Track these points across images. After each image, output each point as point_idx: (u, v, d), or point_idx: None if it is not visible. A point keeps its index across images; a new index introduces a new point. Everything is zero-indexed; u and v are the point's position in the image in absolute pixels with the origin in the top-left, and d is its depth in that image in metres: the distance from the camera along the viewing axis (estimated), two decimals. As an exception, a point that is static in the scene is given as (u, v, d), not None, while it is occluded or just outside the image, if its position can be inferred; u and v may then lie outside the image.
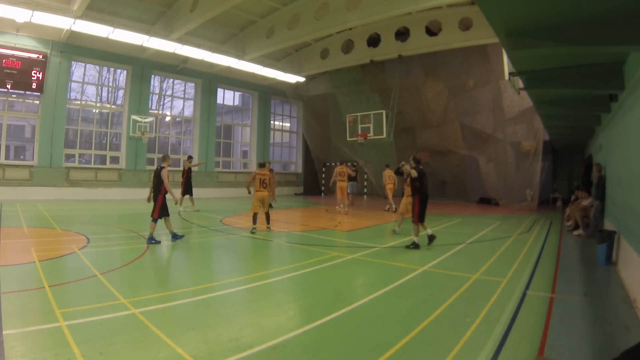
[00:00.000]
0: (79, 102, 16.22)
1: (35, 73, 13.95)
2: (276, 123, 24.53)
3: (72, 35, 13.94)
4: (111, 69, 16.88)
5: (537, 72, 5.72)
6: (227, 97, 21.44)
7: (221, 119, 21.39)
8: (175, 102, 20.57)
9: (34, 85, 14.00)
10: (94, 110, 17.01)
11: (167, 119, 20.50)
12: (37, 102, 14.66)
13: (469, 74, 17.55)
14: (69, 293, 4.07)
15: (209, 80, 19.50)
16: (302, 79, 20.97)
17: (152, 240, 6.78)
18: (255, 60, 17.99)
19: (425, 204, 7.09)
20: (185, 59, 17.37)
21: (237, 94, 22.28)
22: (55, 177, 14.80)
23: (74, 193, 15.08)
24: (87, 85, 16.52)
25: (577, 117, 9.21)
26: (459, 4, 13.87)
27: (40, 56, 14.11)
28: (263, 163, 9.17)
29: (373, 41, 17.79)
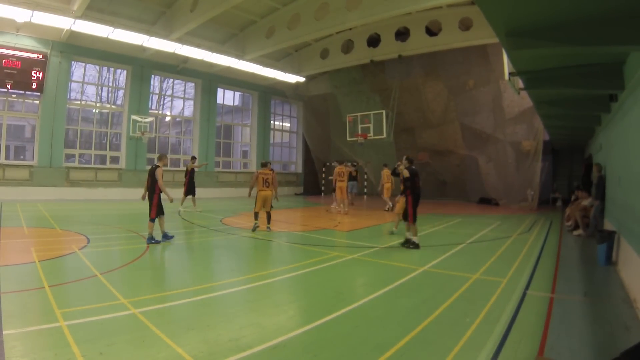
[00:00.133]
0: (79, 102, 16.22)
1: (35, 73, 13.95)
2: (276, 123, 24.52)
3: (72, 35, 13.94)
4: (111, 69, 16.88)
5: (537, 72, 5.73)
6: (227, 97, 21.44)
7: (221, 119, 21.39)
8: (175, 102, 20.60)
9: (34, 85, 14.00)
10: (94, 110, 17.01)
11: (167, 119, 20.51)
12: (37, 102, 14.66)
13: (469, 74, 17.56)
14: (69, 293, 4.07)
15: (209, 80, 19.51)
16: (302, 79, 20.97)
17: (152, 240, 6.79)
18: (255, 60, 17.99)
19: (417, 204, 7.13)
20: (185, 59, 17.37)
21: (237, 94, 22.28)
22: (55, 177, 14.80)
23: (74, 193, 15.09)
24: (87, 85, 16.52)
25: (577, 117, 9.21)
26: (459, 4, 13.86)
27: (40, 56, 14.11)
28: (265, 162, 9.19)
29: (373, 41, 17.79)
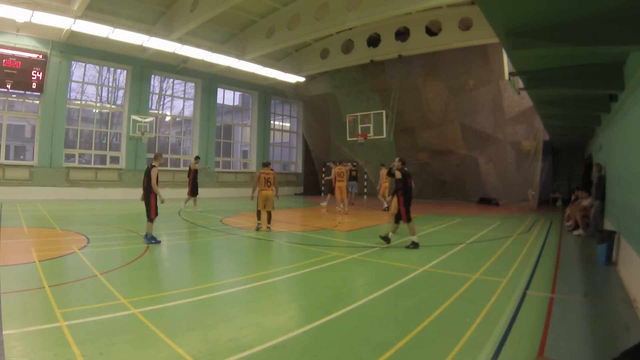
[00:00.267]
0: (79, 102, 16.22)
1: (35, 73, 13.95)
2: (276, 123, 24.52)
3: (72, 35, 13.94)
4: (111, 69, 16.88)
5: (537, 72, 5.73)
6: (227, 97, 21.44)
7: (221, 119, 21.39)
8: (175, 102, 20.60)
9: (34, 85, 13.99)
10: (94, 110, 17.01)
11: (167, 119, 20.51)
12: (37, 102, 14.66)
13: (469, 74, 17.55)
14: (69, 293, 4.07)
15: (209, 80, 19.50)
16: (302, 79, 20.96)
17: (152, 240, 6.79)
18: (255, 60, 17.99)
19: (408, 204, 7.20)
20: (185, 59, 17.36)
21: (237, 94, 22.28)
22: (55, 177, 14.79)
23: (74, 193, 15.08)
24: (87, 85, 16.52)
25: (577, 117, 9.22)
26: (459, 4, 13.86)
27: (40, 56, 14.10)
28: (267, 162, 9.26)
29: (373, 41, 17.78)
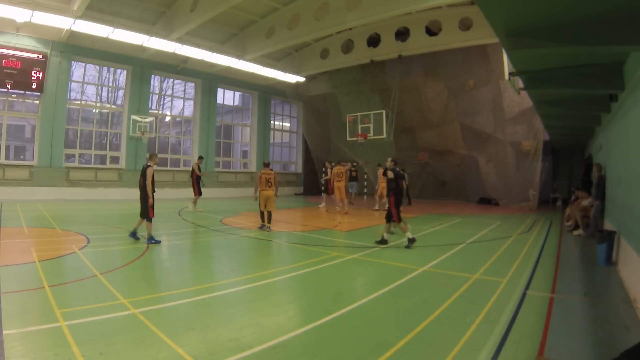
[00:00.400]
0: (79, 102, 16.21)
1: (35, 73, 13.95)
2: (276, 123, 24.52)
3: (72, 35, 13.94)
4: (111, 69, 16.88)
5: (537, 72, 5.73)
6: (227, 97, 21.44)
7: (221, 119, 21.39)
8: (175, 102, 20.60)
9: (34, 85, 13.99)
10: (94, 110, 17.01)
11: (167, 119, 20.51)
12: (37, 102, 14.66)
13: (469, 74, 17.56)
14: (69, 293, 4.07)
15: (209, 80, 19.50)
16: (302, 79, 20.97)
17: (152, 240, 6.79)
18: (255, 60, 17.99)
19: (399, 204, 7.29)
20: (185, 59, 17.36)
21: (237, 94, 22.28)
22: (55, 177, 14.79)
23: (74, 193, 15.08)
24: (87, 85, 16.52)
25: (577, 117, 9.21)
26: (459, 4, 13.86)
27: (40, 56, 14.10)
28: (267, 163, 9.37)
29: (373, 41, 17.78)
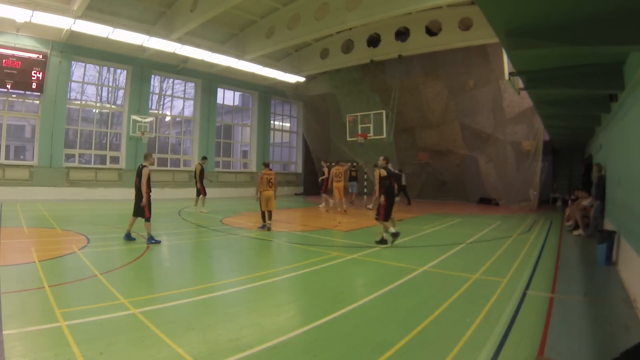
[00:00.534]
0: (79, 102, 16.21)
1: (35, 73, 13.94)
2: (276, 123, 24.52)
3: (72, 35, 13.94)
4: (111, 69, 16.88)
5: (537, 72, 5.73)
6: (227, 97, 21.43)
7: (221, 119, 21.38)
8: (175, 102, 20.58)
9: (34, 85, 13.99)
10: (94, 110, 17.00)
11: (167, 119, 20.50)
12: (37, 102, 14.66)
13: (469, 74, 17.55)
14: (69, 293, 4.07)
15: (209, 80, 19.50)
16: (302, 79, 20.96)
17: (152, 240, 6.79)
18: (255, 60, 17.98)
19: (391, 203, 7.34)
20: (185, 59, 17.36)
21: (237, 94, 22.27)
22: (55, 177, 14.79)
23: (74, 193, 15.07)
24: (87, 85, 16.51)
25: (577, 117, 9.21)
26: (459, 4, 13.86)
27: (40, 56, 14.10)
28: (267, 163, 9.40)
29: (373, 41, 17.78)
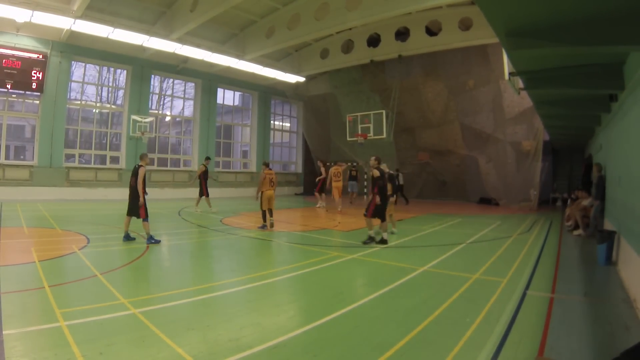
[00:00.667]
0: (79, 102, 16.21)
1: (35, 73, 13.94)
2: (276, 123, 24.52)
3: (72, 35, 13.94)
4: (111, 69, 16.88)
5: (537, 72, 5.73)
6: (227, 97, 21.44)
7: (221, 119, 21.38)
8: (175, 102, 20.59)
9: (34, 85, 13.99)
10: (94, 110, 17.00)
11: (167, 119, 20.50)
12: (37, 102, 14.66)
13: (469, 74, 17.55)
14: (69, 293, 4.07)
15: (209, 80, 19.50)
16: (302, 79, 20.97)
17: (152, 239, 6.78)
18: (255, 60, 17.99)
19: (384, 202, 7.36)
20: (185, 59, 17.36)
21: (237, 94, 22.27)
22: (55, 177, 14.79)
23: (74, 193, 15.08)
24: (87, 85, 16.51)
25: (577, 117, 9.21)
26: (459, 4, 13.86)
27: (40, 56, 14.10)
28: (268, 163, 9.43)
29: (373, 41, 17.78)
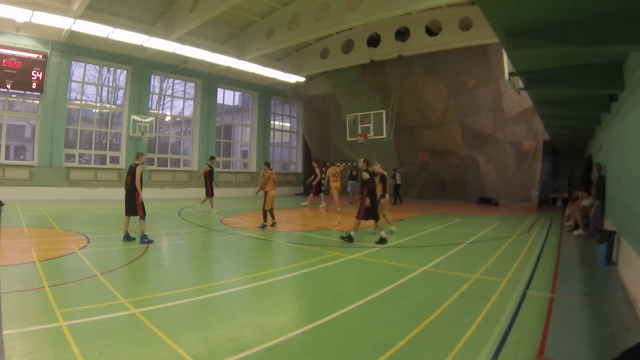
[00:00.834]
0: (79, 102, 16.21)
1: (35, 73, 13.95)
2: (276, 123, 24.53)
3: (72, 35, 13.94)
4: (111, 69, 16.88)
5: (537, 72, 5.73)
6: (227, 97, 21.44)
7: (221, 119, 21.39)
8: (175, 102, 20.59)
9: (34, 85, 13.99)
10: (94, 110, 17.01)
11: (167, 119, 20.50)
12: (37, 102, 14.66)
13: (469, 74, 17.55)
14: (69, 293, 4.07)
15: (209, 80, 19.51)
16: (302, 79, 20.97)
17: (145, 239, 6.74)
18: (255, 60, 17.99)
19: (374, 204, 7.45)
20: (185, 59, 17.36)
21: (237, 94, 22.28)
22: (55, 177, 14.79)
23: (74, 193, 15.08)
24: (87, 85, 16.52)
25: (577, 117, 9.21)
26: (459, 4, 13.86)
27: (40, 56, 14.10)
28: (269, 163, 9.56)
29: (373, 41, 17.78)
